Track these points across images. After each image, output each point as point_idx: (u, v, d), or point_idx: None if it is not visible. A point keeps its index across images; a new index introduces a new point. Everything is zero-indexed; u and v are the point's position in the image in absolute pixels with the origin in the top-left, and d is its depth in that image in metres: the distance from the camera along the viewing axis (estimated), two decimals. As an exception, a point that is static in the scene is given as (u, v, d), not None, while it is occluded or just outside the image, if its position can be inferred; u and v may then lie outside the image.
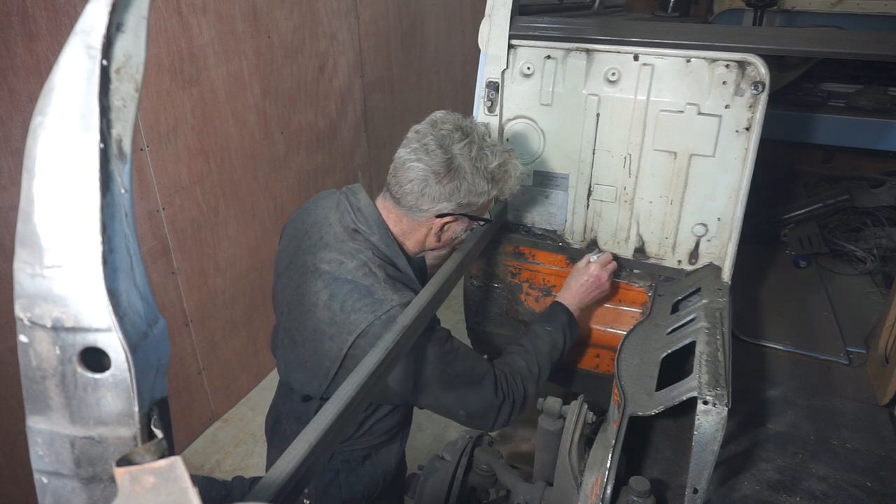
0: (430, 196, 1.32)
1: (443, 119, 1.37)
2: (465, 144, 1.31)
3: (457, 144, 1.31)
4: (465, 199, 1.34)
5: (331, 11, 3.09)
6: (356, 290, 1.25)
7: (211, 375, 2.78)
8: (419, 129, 1.36)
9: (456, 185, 1.32)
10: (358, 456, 1.46)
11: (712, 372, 1.16)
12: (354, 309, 1.24)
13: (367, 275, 1.27)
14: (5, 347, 1.91)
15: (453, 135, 1.32)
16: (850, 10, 3.27)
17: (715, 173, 1.55)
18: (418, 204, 1.33)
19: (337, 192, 1.45)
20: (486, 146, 1.35)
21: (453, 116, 1.38)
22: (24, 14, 1.77)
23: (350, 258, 1.29)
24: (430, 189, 1.31)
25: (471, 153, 1.32)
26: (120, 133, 0.46)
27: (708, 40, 1.50)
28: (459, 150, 1.31)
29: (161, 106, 2.27)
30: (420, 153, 1.31)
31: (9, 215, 1.85)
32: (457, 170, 1.31)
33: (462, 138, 1.32)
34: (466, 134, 1.33)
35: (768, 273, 2.25)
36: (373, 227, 1.35)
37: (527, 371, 1.46)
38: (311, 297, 1.29)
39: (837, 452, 1.37)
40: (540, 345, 1.52)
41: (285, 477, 0.80)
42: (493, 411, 1.38)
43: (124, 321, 0.46)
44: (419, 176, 1.31)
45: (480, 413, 1.37)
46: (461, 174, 1.31)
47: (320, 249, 1.32)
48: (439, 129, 1.33)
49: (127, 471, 0.44)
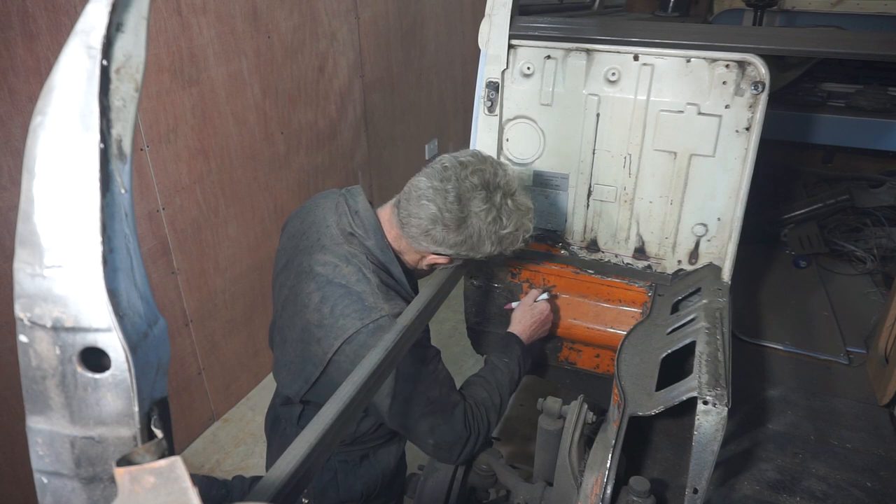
0: (434, 239, 1.31)
1: (474, 167, 1.32)
2: (485, 210, 1.29)
3: (476, 203, 1.29)
4: (464, 252, 1.34)
5: (331, 11, 3.09)
6: (347, 294, 1.25)
7: (211, 375, 2.78)
8: (447, 164, 1.32)
9: (462, 240, 1.31)
10: (356, 456, 1.46)
11: (712, 372, 1.16)
12: (344, 314, 1.24)
13: (361, 280, 1.27)
14: (5, 347, 1.91)
15: (476, 192, 1.29)
16: (850, 10, 3.27)
17: (715, 173, 1.55)
18: (419, 239, 1.33)
19: (337, 193, 1.44)
20: (505, 210, 1.32)
21: (484, 166, 1.33)
22: (24, 14, 1.77)
23: (345, 262, 1.29)
24: (436, 233, 1.30)
25: (487, 217, 1.30)
26: (120, 133, 0.46)
27: (708, 40, 1.50)
28: (477, 211, 1.29)
29: (161, 106, 2.27)
30: (438, 197, 1.28)
31: (9, 215, 1.85)
32: (467, 228, 1.30)
33: (485, 200, 1.29)
34: (489, 192, 1.30)
35: (768, 273, 2.25)
36: (369, 231, 1.35)
37: (489, 403, 1.44)
38: (304, 298, 1.29)
39: (837, 452, 1.37)
40: (500, 376, 1.50)
41: (285, 477, 0.80)
42: (460, 444, 1.36)
43: (124, 321, 0.46)
44: (429, 217, 1.29)
45: (448, 445, 1.35)
46: (470, 232, 1.30)
47: (316, 251, 1.33)
48: (465, 181, 1.29)
49: (127, 471, 0.44)
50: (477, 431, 1.39)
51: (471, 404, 1.39)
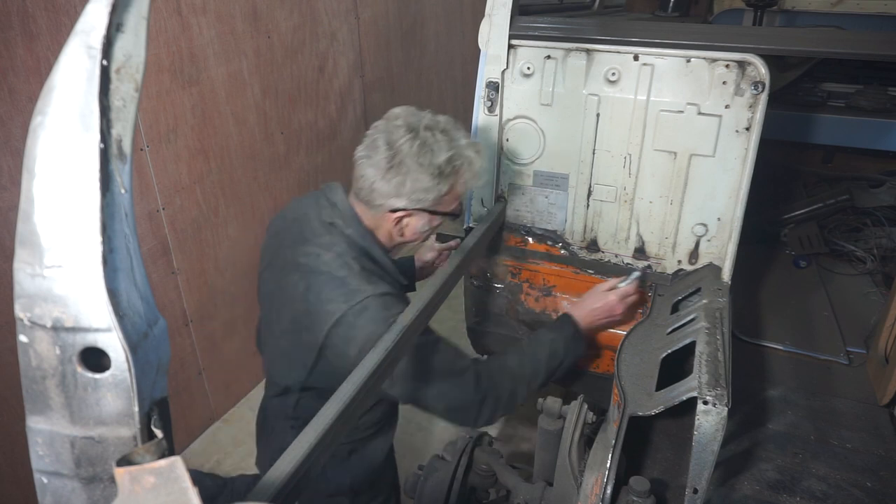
0: (379, 192, 1.33)
1: (396, 115, 1.36)
2: (409, 139, 1.30)
3: (401, 140, 1.31)
4: (413, 195, 1.33)
5: (331, 11, 3.09)
6: (330, 280, 1.28)
7: (211, 375, 2.78)
8: (375, 124, 1.37)
9: (400, 181, 1.31)
10: (344, 450, 1.47)
11: (712, 372, 1.16)
12: (329, 299, 1.26)
13: (342, 266, 1.29)
14: (5, 347, 1.91)
15: (399, 130, 1.32)
16: (850, 10, 3.27)
17: (715, 173, 1.55)
18: (371, 199, 1.35)
19: (317, 192, 1.47)
20: (432, 141, 1.32)
21: (408, 111, 1.37)
22: (24, 14, 1.77)
23: (326, 250, 1.32)
24: (377, 185, 1.32)
25: (412, 148, 1.30)
26: (120, 133, 0.46)
27: (708, 40, 1.50)
28: (402, 145, 1.30)
29: (161, 106, 2.27)
30: (369, 150, 1.33)
31: (9, 215, 1.85)
32: (399, 165, 1.30)
33: (406, 133, 1.31)
34: (412, 129, 1.32)
35: (768, 273, 2.25)
36: (347, 220, 1.37)
37: (518, 370, 1.44)
38: (290, 290, 1.32)
39: (837, 452, 1.37)
40: (538, 349, 1.50)
41: (285, 477, 0.80)
42: (474, 407, 1.36)
43: (124, 321, 0.46)
44: (367, 173, 1.32)
45: (460, 408, 1.36)
46: (403, 170, 1.30)
47: (299, 244, 1.36)
48: (389, 125, 1.34)
49: (127, 471, 0.44)
50: (495, 395, 1.37)
51: (486, 368, 1.40)
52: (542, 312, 1.88)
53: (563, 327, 1.57)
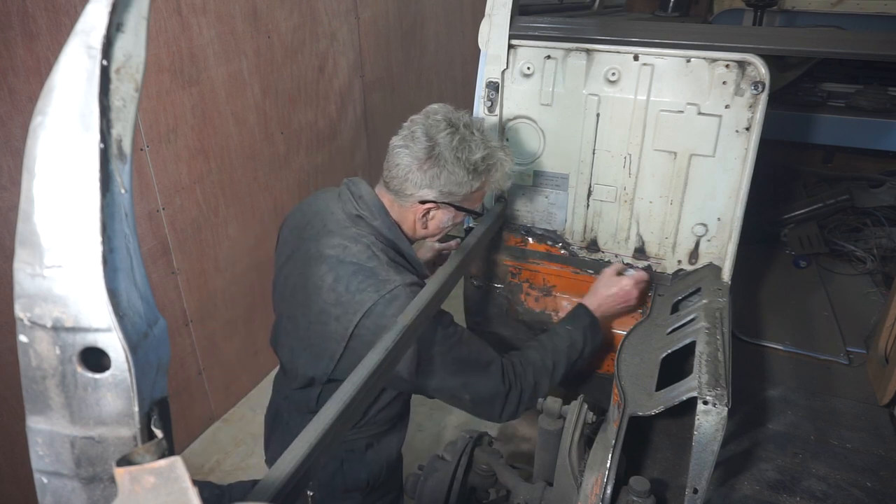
0: (413, 182, 1.36)
1: (436, 110, 1.41)
2: (449, 134, 1.35)
3: (441, 133, 1.35)
4: (445, 188, 1.37)
5: (331, 11, 3.09)
6: (360, 271, 1.30)
7: (211, 375, 2.78)
8: (413, 118, 1.41)
9: (436, 173, 1.35)
10: (361, 444, 1.48)
11: (712, 372, 1.16)
12: (359, 289, 1.28)
13: (371, 258, 1.32)
14: (5, 347, 1.91)
15: (440, 124, 1.36)
16: (850, 10, 3.27)
17: (715, 173, 1.55)
18: (403, 188, 1.38)
19: (336, 187, 1.49)
20: (470, 138, 1.37)
21: (446, 108, 1.42)
22: (24, 14, 1.77)
23: (354, 242, 1.34)
24: (412, 175, 1.36)
25: (452, 143, 1.35)
26: (120, 133, 0.46)
27: (708, 40, 1.50)
28: (442, 138, 1.35)
29: (161, 106, 2.27)
30: (408, 140, 1.36)
31: (9, 215, 1.85)
32: (437, 157, 1.35)
33: (447, 128, 1.36)
34: (452, 124, 1.37)
35: (768, 273, 2.25)
36: (374, 212, 1.39)
37: (540, 363, 1.46)
38: (316, 281, 1.33)
39: (837, 452, 1.37)
40: (558, 341, 1.52)
41: (286, 476, 0.79)
42: (500, 399, 1.39)
43: (124, 321, 0.46)
44: (404, 161, 1.36)
45: (486, 399, 1.38)
46: (441, 162, 1.35)
47: (323, 236, 1.37)
48: (429, 119, 1.38)
49: (127, 471, 0.44)
50: (519, 387, 1.40)
51: (511, 361, 1.42)
52: (542, 312, 1.88)
53: (580, 317, 1.58)
